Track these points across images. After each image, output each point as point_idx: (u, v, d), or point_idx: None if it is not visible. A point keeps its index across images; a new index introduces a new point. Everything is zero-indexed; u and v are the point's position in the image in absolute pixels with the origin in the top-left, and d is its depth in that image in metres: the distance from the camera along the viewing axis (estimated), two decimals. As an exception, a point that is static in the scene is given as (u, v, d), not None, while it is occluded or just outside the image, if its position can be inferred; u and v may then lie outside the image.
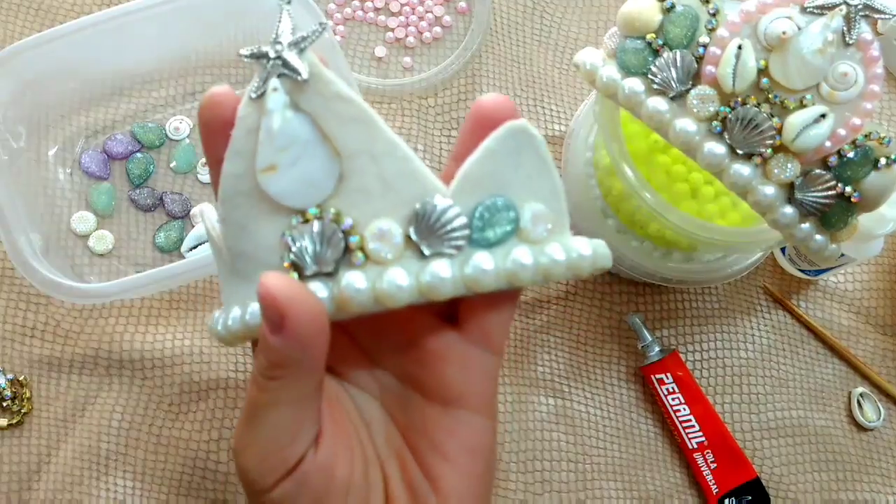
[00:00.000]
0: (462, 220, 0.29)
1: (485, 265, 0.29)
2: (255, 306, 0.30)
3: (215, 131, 0.31)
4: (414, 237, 0.29)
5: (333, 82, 0.29)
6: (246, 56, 0.29)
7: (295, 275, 0.29)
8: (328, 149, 0.29)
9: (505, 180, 0.30)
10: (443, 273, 0.29)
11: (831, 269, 0.57)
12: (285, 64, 0.29)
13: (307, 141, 0.29)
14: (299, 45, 0.29)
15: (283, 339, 0.28)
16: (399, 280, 0.28)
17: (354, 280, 0.29)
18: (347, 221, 0.29)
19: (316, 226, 0.29)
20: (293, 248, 0.29)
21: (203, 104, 0.31)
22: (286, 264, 0.29)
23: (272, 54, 0.29)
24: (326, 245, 0.29)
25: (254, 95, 0.29)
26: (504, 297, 0.32)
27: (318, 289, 0.29)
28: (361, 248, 0.29)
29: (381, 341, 0.34)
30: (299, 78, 0.29)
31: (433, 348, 0.32)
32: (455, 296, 0.29)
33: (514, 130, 0.30)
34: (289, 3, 0.30)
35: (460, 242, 0.29)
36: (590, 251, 0.31)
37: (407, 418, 0.33)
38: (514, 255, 0.30)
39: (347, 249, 0.29)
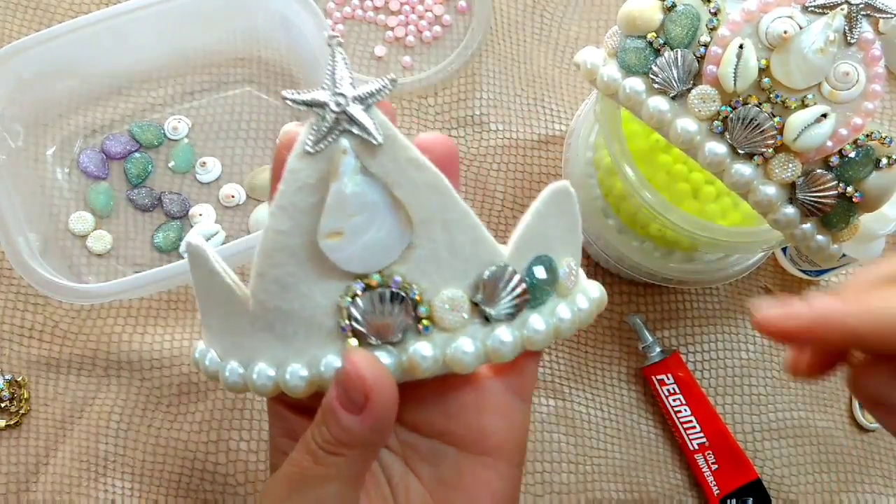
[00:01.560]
0: (523, 286, 0.30)
1: (537, 325, 0.30)
2: (295, 367, 0.29)
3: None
4: (482, 305, 0.29)
5: (408, 147, 0.28)
6: (297, 102, 0.28)
7: (355, 341, 0.29)
8: (399, 215, 0.28)
9: (549, 237, 0.31)
10: (504, 338, 0.29)
11: (833, 269, 0.57)
12: (353, 122, 0.27)
13: (377, 207, 0.28)
14: (366, 101, 0.28)
15: (362, 420, 0.27)
16: (466, 347, 0.29)
17: (421, 348, 0.29)
18: (414, 290, 0.29)
19: (384, 294, 0.28)
20: (356, 316, 0.28)
21: (281, 142, 0.30)
22: (347, 332, 0.29)
23: (333, 107, 0.27)
24: (395, 315, 0.28)
25: (310, 150, 0.28)
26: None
27: (382, 357, 0.29)
28: (429, 317, 0.29)
29: (404, 398, 0.34)
30: (374, 142, 0.27)
31: (471, 399, 0.32)
32: (513, 357, 0.30)
33: (559, 192, 0.31)
34: (339, 44, 0.28)
35: (521, 308, 0.30)
36: (598, 293, 0.33)
37: (436, 472, 0.33)
38: (557, 312, 0.31)
39: (415, 318, 0.29)
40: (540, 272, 0.30)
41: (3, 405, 0.52)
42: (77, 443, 0.52)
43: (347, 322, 0.28)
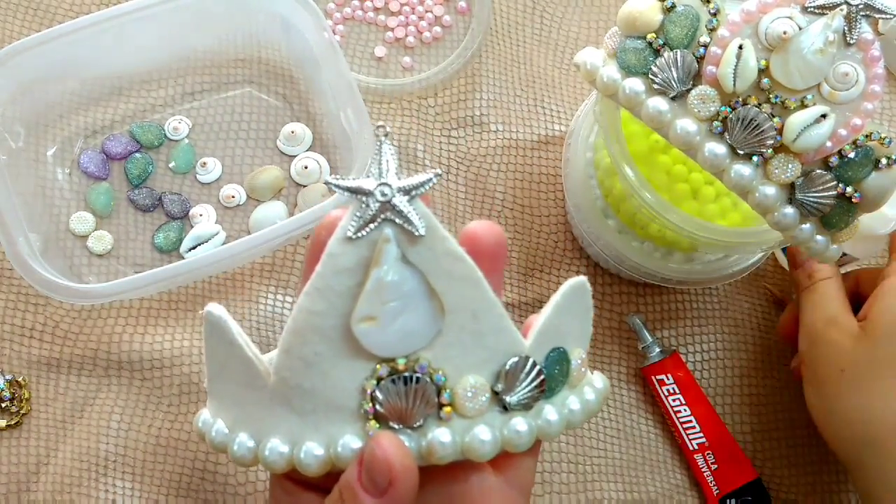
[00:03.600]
0: (541, 378, 0.30)
1: (551, 417, 0.31)
2: (310, 445, 0.29)
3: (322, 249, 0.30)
4: (502, 394, 0.30)
5: (447, 238, 0.29)
6: (342, 188, 0.28)
7: (376, 424, 0.29)
8: (433, 304, 0.29)
9: (565, 330, 0.32)
10: (520, 427, 0.30)
11: (832, 269, 0.56)
12: (396, 212, 0.28)
13: (412, 294, 0.29)
14: (410, 193, 0.28)
15: (382, 503, 0.28)
16: (484, 436, 0.29)
17: (440, 435, 0.29)
18: (439, 376, 0.29)
19: (409, 379, 0.29)
20: (380, 399, 0.29)
21: (324, 224, 0.30)
22: (370, 414, 0.29)
23: (379, 196, 0.28)
24: (419, 402, 0.29)
25: (352, 235, 0.28)
26: (538, 442, 0.33)
27: (405, 442, 0.29)
28: (451, 404, 0.29)
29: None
30: (416, 233, 0.28)
31: (476, 492, 0.32)
32: (527, 448, 0.30)
33: (578, 288, 0.32)
34: (387, 135, 0.29)
35: (538, 399, 0.31)
36: (602, 384, 0.34)
37: None
38: (568, 403, 0.32)
39: (438, 405, 0.29)
40: (556, 365, 0.31)
41: (3, 405, 0.52)
42: (78, 443, 0.52)
43: (371, 405, 0.29)
